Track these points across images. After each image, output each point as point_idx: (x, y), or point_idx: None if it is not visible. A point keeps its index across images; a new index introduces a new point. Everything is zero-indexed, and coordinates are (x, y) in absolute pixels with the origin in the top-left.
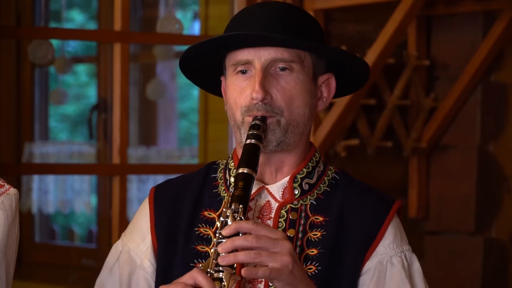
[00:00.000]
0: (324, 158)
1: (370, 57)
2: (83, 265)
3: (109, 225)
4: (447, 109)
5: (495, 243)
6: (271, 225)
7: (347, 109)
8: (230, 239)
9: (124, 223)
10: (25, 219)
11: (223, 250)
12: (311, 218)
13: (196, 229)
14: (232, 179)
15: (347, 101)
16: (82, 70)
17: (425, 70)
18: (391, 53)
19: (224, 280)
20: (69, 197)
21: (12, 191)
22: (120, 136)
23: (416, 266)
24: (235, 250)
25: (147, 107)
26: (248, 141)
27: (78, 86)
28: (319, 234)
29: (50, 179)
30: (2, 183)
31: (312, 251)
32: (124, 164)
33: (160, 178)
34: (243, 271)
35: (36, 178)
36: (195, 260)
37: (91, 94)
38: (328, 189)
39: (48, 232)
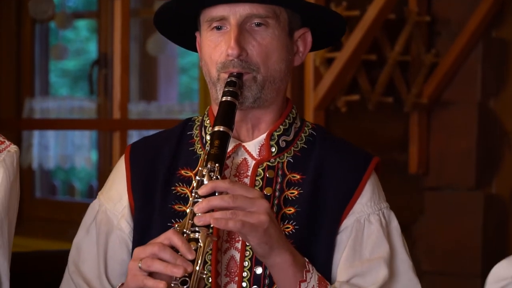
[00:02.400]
0: (325, 114)
1: (371, 12)
2: None
3: None
4: (448, 65)
5: (496, 199)
6: (248, 183)
7: (347, 64)
8: (206, 199)
9: None
10: (25, 174)
11: (199, 210)
12: (288, 176)
13: (173, 188)
14: (208, 137)
15: (348, 57)
16: (83, 25)
17: (426, 25)
18: (392, 8)
19: (200, 240)
20: (70, 153)
21: (13, 148)
22: (120, 91)
23: (394, 224)
24: (211, 210)
25: (148, 63)
26: (224, 99)
27: (79, 42)
28: (296, 192)
29: (51, 134)
30: (3, 140)
31: (290, 210)
32: (124, 119)
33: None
34: (212, 221)
35: (36, 133)
36: (172, 220)
37: (92, 49)
38: (305, 146)
39: (49, 187)
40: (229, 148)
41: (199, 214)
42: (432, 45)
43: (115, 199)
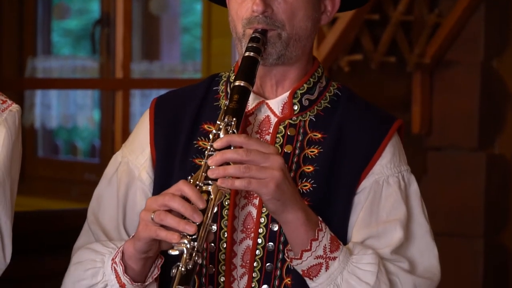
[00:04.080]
0: (328, 73)
1: None
2: (86, 179)
3: (112, 139)
4: (450, 25)
5: (498, 159)
6: (269, 140)
7: (350, 24)
8: (221, 152)
9: (127, 137)
10: (28, 134)
11: (213, 163)
12: (309, 135)
13: (195, 142)
14: None
15: (351, 16)
16: None
17: None
18: None
19: (211, 193)
20: (72, 112)
21: (15, 107)
22: (123, 50)
23: (414, 187)
24: (226, 163)
25: (150, 22)
26: (246, 54)
27: (81, 1)
28: (316, 151)
29: (53, 94)
30: (4, 99)
31: (308, 168)
32: (127, 78)
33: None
34: (219, 181)
35: (39, 93)
36: (192, 173)
37: (94, 8)
38: (329, 106)
39: (51, 147)
40: (253, 105)
41: (213, 167)
42: (435, 5)
43: (137, 151)
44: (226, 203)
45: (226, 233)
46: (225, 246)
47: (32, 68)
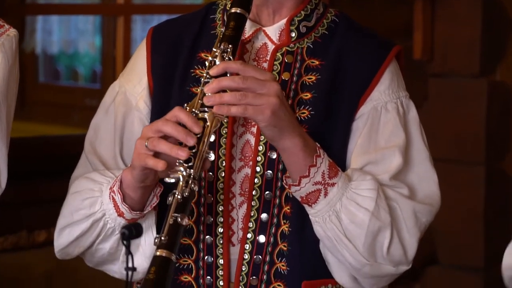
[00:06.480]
0: (328, 1)
1: None
2: (86, 105)
3: (113, 65)
4: None
5: (499, 86)
6: (266, 68)
7: None
8: (217, 79)
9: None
10: (29, 59)
11: (209, 90)
12: (307, 62)
13: (192, 70)
14: None
15: None
16: None
17: None
18: None
19: (207, 120)
20: (73, 38)
21: (12, 31)
22: None
23: (413, 113)
24: (222, 91)
25: None
26: None
27: None
28: (314, 78)
29: (54, 19)
30: (2, 24)
31: (306, 95)
32: (128, 4)
33: (164, 18)
34: (215, 108)
35: (40, 18)
36: (189, 102)
37: None
38: (326, 33)
39: (52, 72)
40: (250, 33)
41: (209, 94)
42: None
43: (134, 80)
44: (224, 131)
45: (224, 161)
46: (223, 175)
47: None
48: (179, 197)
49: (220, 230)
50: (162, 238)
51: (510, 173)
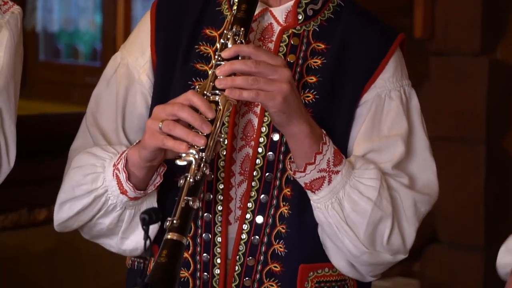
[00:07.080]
0: None
1: None
2: (87, 83)
3: (114, 43)
4: None
5: (500, 64)
6: (272, 49)
7: None
8: (229, 62)
9: None
10: (29, 38)
11: (221, 73)
12: (313, 45)
13: (196, 46)
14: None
15: None
16: None
17: None
18: None
19: (219, 103)
20: (74, 15)
21: (16, 9)
22: None
23: (414, 102)
24: (233, 74)
25: None
26: None
27: None
28: (319, 61)
29: None
30: (6, 0)
31: (311, 79)
32: None
33: None
34: (227, 91)
35: None
36: (193, 78)
37: None
38: (332, 16)
39: (53, 50)
40: (256, 12)
41: (221, 77)
42: None
43: (137, 53)
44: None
45: (226, 140)
46: (224, 153)
47: None
48: (191, 180)
49: (220, 208)
50: (174, 221)
51: (510, 151)
